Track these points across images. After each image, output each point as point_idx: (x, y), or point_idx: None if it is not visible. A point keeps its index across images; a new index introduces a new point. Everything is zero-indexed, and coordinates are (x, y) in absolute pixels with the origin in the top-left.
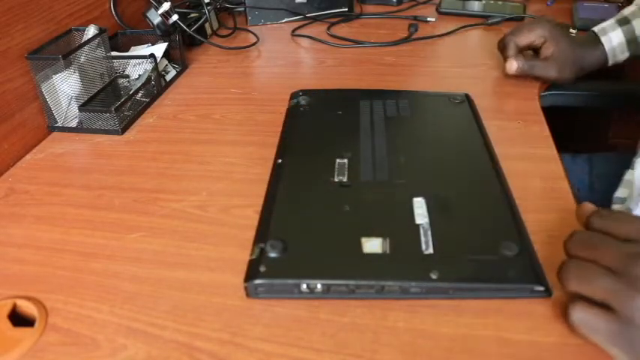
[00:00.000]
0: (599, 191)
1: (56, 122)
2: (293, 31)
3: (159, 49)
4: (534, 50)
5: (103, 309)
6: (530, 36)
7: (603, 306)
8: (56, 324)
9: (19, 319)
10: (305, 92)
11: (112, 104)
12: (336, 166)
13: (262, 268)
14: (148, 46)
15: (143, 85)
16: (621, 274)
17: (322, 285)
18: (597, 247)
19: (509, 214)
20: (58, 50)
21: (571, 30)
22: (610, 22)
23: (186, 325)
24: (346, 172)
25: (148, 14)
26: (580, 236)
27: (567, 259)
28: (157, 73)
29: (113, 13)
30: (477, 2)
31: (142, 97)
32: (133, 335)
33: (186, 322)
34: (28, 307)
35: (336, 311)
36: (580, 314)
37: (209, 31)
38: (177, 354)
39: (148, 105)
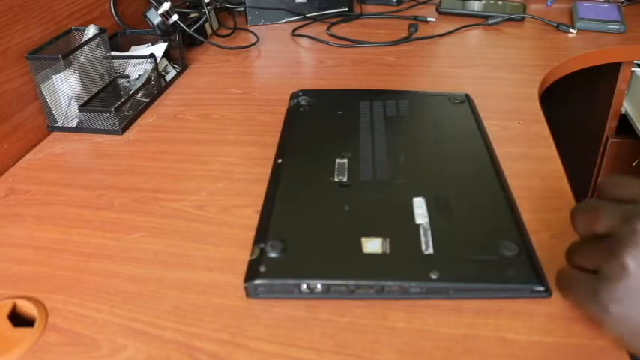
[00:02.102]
0: None
1: (56, 122)
2: (293, 31)
3: (159, 49)
4: None
5: (103, 309)
6: None
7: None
8: (56, 324)
9: (19, 319)
10: (305, 92)
11: (112, 104)
12: (336, 166)
13: (262, 268)
14: (148, 46)
15: (143, 85)
16: (611, 236)
17: (322, 285)
18: (594, 212)
19: (509, 214)
20: (58, 50)
21: (570, 30)
22: None
23: (186, 325)
24: (346, 172)
25: (148, 14)
26: (584, 203)
27: (573, 242)
28: (157, 73)
29: (113, 13)
30: (476, 2)
31: (142, 97)
32: (133, 335)
33: (186, 322)
34: (28, 307)
35: (336, 311)
36: (561, 277)
37: (209, 31)
38: (177, 354)
39: (148, 105)
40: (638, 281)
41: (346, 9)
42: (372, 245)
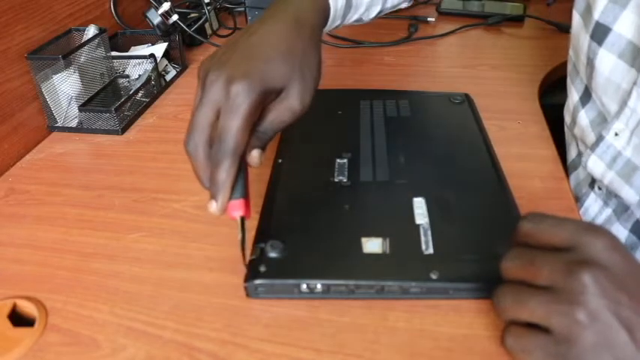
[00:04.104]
0: None
1: (56, 122)
2: None
3: (159, 49)
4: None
5: (103, 309)
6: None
7: (542, 329)
8: (56, 324)
9: (19, 319)
10: None
11: (112, 104)
12: (336, 166)
13: (262, 268)
14: (148, 46)
15: (143, 85)
16: (557, 289)
17: (322, 285)
18: (531, 264)
19: (509, 214)
20: (58, 50)
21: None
22: None
23: (186, 325)
24: (346, 172)
25: (148, 14)
26: (514, 253)
27: (500, 286)
28: (157, 73)
29: (113, 13)
30: (476, 2)
31: (142, 97)
32: (133, 335)
33: (186, 322)
34: (28, 307)
35: (336, 311)
36: (513, 339)
37: (209, 31)
38: (177, 354)
39: (148, 105)
40: (596, 335)
41: None
42: (372, 245)
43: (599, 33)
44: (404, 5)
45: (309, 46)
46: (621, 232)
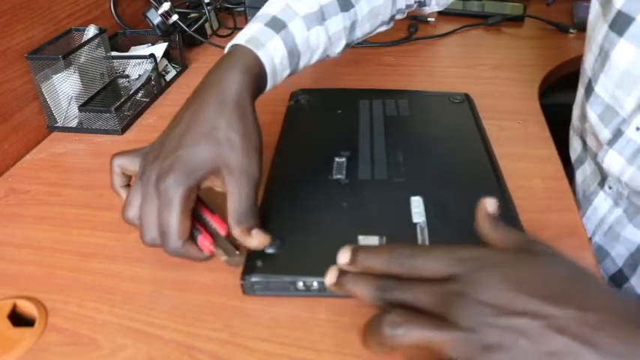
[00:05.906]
0: None
1: (56, 122)
2: None
3: (159, 49)
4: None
5: (103, 309)
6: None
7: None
8: (56, 324)
9: (19, 319)
10: (305, 92)
11: (112, 104)
12: (335, 164)
13: (259, 263)
14: (148, 46)
15: (143, 85)
16: (449, 317)
17: (318, 283)
18: (417, 300)
19: (508, 214)
20: (58, 50)
21: (570, 30)
22: (259, 28)
23: (186, 325)
24: (344, 171)
25: (148, 14)
26: (399, 293)
27: (370, 322)
28: (157, 73)
29: (113, 13)
30: (476, 2)
31: (142, 97)
32: (132, 335)
33: (186, 322)
34: (28, 307)
35: (336, 311)
36: None
37: (209, 31)
38: (177, 354)
39: (148, 105)
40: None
41: None
42: (369, 243)
43: (621, 23)
44: (382, 29)
45: (236, 119)
46: (636, 233)
